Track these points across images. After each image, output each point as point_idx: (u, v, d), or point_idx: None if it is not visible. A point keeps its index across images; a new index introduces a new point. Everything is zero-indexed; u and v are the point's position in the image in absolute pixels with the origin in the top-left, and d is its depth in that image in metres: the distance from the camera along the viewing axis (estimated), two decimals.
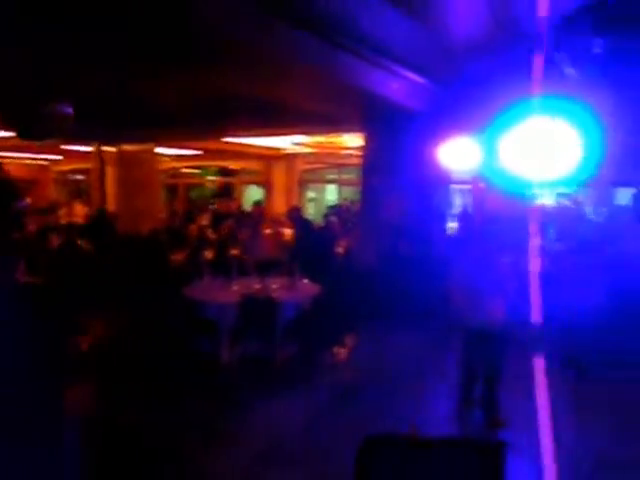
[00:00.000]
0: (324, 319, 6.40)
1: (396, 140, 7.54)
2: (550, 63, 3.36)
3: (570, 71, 6.27)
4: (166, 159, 14.31)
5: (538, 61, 2.92)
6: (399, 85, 6.35)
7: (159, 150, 13.00)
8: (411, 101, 6.95)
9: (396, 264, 7.82)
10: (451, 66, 6.98)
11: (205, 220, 10.66)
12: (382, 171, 7.80)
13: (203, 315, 5.92)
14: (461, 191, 17.32)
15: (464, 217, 13.81)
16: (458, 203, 16.36)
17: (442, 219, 9.00)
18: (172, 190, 16.67)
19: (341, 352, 6.34)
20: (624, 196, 14.98)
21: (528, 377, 2.86)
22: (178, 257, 7.38)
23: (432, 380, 5.62)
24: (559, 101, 3.22)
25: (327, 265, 7.88)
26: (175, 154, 14.44)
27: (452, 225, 13.54)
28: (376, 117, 7.56)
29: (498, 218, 8.38)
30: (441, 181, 8.25)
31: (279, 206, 14.01)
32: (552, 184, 3.35)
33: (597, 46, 6.49)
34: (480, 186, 13.74)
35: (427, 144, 7.41)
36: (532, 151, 3.31)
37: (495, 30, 6.65)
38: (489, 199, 12.96)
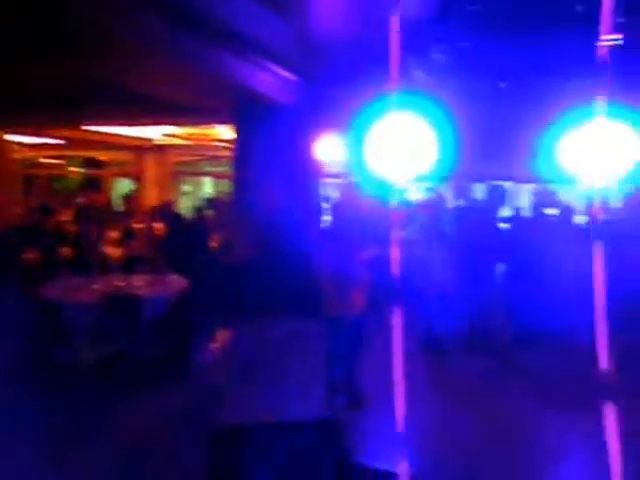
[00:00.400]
0: (195, 315, 6.31)
1: (266, 133, 7.57)
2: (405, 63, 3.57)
3: (418, 73, 6.72)
4: (22, 148, 13.13)
5: (394, 61, 3.10)
6: (267, 79, 6.40)
7: (13, 138, 11.91)
8: (279, 95, 7.03)
9: (270, 258, 7.89)
10: (318, 62, 7.15)
11: (67, 215, 9.96)
12: (253, 164, 7.81)
13: (61, 316, 5.59)
14: (335, 185, 17.85)
15: (336, 210, 14.27)
16: (333, 197, 16.86)
17: (315, 212, 9.21)
18: (32, 182, 15.34)
19: (212, 348, 6.27)
20: (481, 191, 16.33)
21: (389, 361, 3.05)
22: (31, 255, 6.81)
23: (301, 370, 5.76)
24: (414, 98, 3.42)
25: (199, 260, 7.75)
26: (33, 142, 13.29)
27: (326, 218, 13.90)
28: (245, 110, 7.54)
29: (362, 212, 8.77)
30: (313, 175, 8.43)
31: (151, 200, 13.48)
32: (410, 179, 3.59)
33: (438, 52, 6.99)
34: (347, 181, 14.30)
35: (298, 138, 7.54)
36: (390, 147, 3.52)
37: (361, 28, 6.91)
38: (355, 194, 13.47)
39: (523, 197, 15.42)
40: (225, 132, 11.15)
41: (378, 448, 3.91)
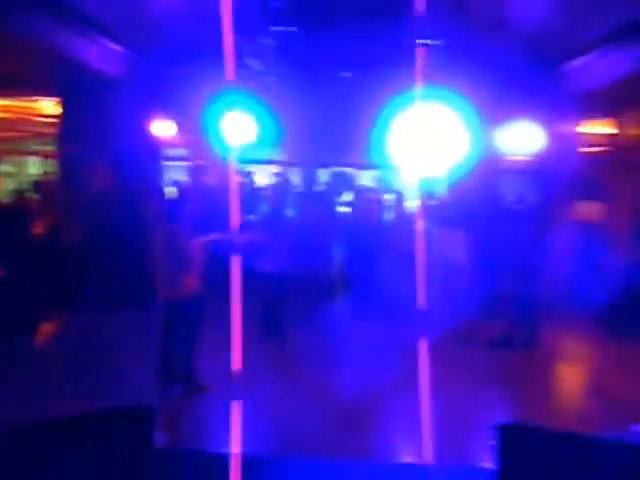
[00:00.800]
0: (17, 307, 5.73)
1: (95, 109, 7.02)
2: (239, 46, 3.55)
3: (253, 63, 6.71)
4: None
5: (228, 45, 3.05)
6: (94, 51, 5.91)
7: None
8: (110, 69, 6.54)
9: (105, 242, 7.37)
10: (154, 37, 6.79)
11: None
12: (82, 142, 7.19)
13: None
14: (183, 167, 17.27)
15: (183, 193, 13.85)
16: (181, 179, 16.33)
17: (155, 194, 8.80)
18: None
19: (39, 339, 5.76)
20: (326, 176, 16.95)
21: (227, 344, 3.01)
22: None
23: (136, 359, 5.49)
24: (239, 94, 3.55)
25: (18, 248, 6.99)
26: None
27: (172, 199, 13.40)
28: (71, 83, 6.90)
29: (210, 195, 8.59)
30: (153, 154, 8.02)
31: None
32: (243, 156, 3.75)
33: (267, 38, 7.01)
34: (199, 163, 13.93)
35: (133, 116, 7.10)
36: (230, 131, 3.70)
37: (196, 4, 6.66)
38: (203, 176, 13.18)
39: (365, 182, 16.30)
40: (51, 107, 10.14)
41: (214, 433, 3.90)
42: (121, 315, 6.40)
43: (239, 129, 3.90)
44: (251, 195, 14.15)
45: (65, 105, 7.49)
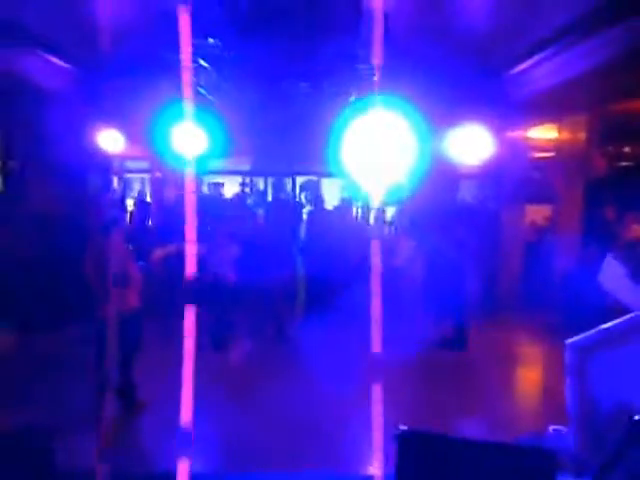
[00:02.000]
0: None
1: (36, 122, 6.87)
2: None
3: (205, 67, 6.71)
4: None
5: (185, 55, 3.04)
6: (34, 65, 5.81)
7: None
8: (51, 82, 6.43)
9: (44, 262, 7.16)
10: (99, 50, 6.69)
11: None
12: (21, 155, 7.02)
13: None
14: (140, 180, 17.08)
15: (141, 206, 13.68)
16: (137, 191, 16.14)
17: (101, 206, 8.66)
18: None
19: None
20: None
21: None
22: None
23: (72, 376, 5.34)
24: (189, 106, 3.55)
25: None
26: None
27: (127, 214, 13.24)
28: (8, 94, 6.75)
29: (174, 207, 8.51)
30: (99, 167, 7.88)
31: None
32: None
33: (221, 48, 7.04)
34: (158, 175, 13.79)
35: (80, 130, 6.98)
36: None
37: (144, 17, 6.64)
38: (168, 188, 13.07)
39: (330, 191, 16.44)
40: None
41: (156, 449, 3.86)
42: (71, 331, 6.27)
43: (190, 140, 3.87)
44: (218, 206, 14.10)
45: (2, 120, 7.32)
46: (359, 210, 13.40)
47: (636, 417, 1.55)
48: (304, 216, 9.93)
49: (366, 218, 10.02)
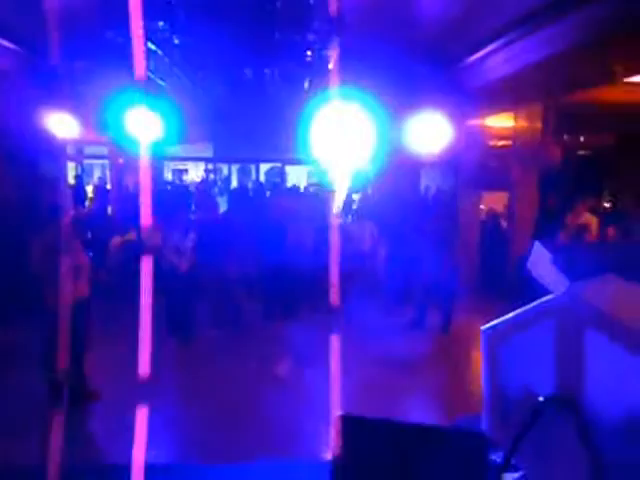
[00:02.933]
0: None
1: None
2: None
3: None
4: None
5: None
6: None
7: None
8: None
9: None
10: (55, 34, 6.48)
11: None
12: None
13: None
14: (101, 166, 16.72)
15: (100, 193, 13.41)
16: (97, 177, 15.80)
17: (54, 195, 8.43)
18: None
19: None
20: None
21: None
22: None
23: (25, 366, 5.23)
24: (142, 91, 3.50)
25: None
26: None
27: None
28: None
29: (134, 194, 8.35)
30: (52, 152, 7.66)
31: None
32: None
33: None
34: (120, 161, 13.50)
35: (28, 112, 6.74)
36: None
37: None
38: (128, 174, 12.83)
39: (295, 178, 16.40)
40: None
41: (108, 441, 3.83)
42: (20, 322, 6.13)
43: (143, 125, 3.81)
44: (181, 193, 13.94)
45: None
46: (323, 197, 13.43)
47: (540, 398, 1.62)
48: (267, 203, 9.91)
49: (331, 205, 10.08)
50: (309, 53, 7.13)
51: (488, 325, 1.82)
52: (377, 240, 8.23)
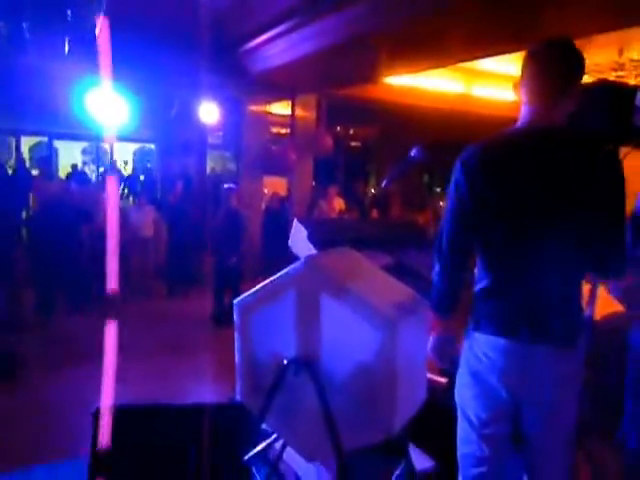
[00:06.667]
0: None
1: None
2: None
3: None
4: None
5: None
6: None
7: None
8: None
9: None
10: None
11: None
12: None
13: None
14: None
15: None
16: None
17: None
18: None
19: None
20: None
21: None
22: None
23: None
24: None
25: None
26: None
27: None
28: None
29: None
30: None
31: None
32: None
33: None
34: None
35: None
36: None
37: None
38: None
39: (68, 155, 14.71)
40: None
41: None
42: None
43: None
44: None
45: None
46: (97, 177, 12.45)
47: (284, 362, 1.74)
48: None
49: (105, 186, 9.40)
50: (69, 12, 6.52)
51: (240, 297, 1.88)
52: (159, 225, 7.97)
